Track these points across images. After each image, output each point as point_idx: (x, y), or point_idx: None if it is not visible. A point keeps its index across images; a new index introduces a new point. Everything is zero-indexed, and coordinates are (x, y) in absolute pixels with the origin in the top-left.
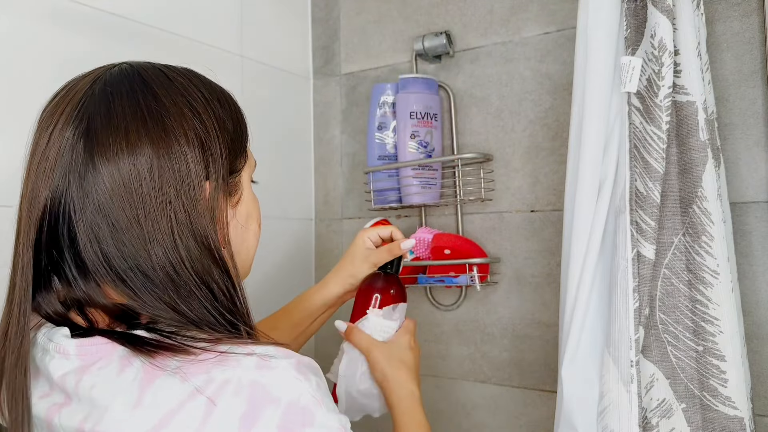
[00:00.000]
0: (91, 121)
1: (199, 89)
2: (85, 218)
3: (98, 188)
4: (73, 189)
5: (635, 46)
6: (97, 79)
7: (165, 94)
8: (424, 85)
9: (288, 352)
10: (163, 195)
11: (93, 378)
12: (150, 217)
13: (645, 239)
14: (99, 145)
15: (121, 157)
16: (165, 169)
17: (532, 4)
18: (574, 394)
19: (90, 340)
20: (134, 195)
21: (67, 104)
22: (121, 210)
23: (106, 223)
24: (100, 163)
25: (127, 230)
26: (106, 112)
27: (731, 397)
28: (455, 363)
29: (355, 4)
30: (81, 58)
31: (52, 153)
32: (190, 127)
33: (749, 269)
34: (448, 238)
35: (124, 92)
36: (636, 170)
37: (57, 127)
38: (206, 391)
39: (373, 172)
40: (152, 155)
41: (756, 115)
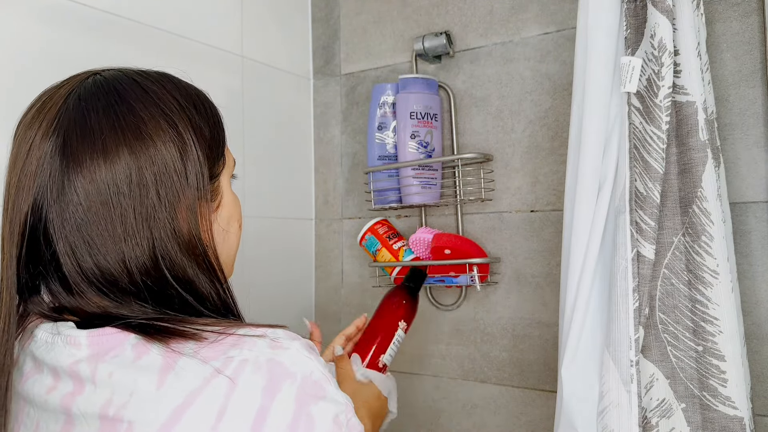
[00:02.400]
0: (67, 137)
1: (174, 97)
2: (64, 233)
3: (75, 203)
4: (52, 204)
5: (635, 47)
6: (71, 92)
7: (141, 107)
8: (425, 85)
9: (293, 334)
10: (143, 207)
11: (109, 366)
12: (129, 231)
13: (645, 239)
14: (75, 161)
15: (97, 172)
16: (143, 182)
17: (532, 4)
18: (574, 394)
19: (100, 330)
20: (112, 209)
21: (44, 118)
22: (98, 225)
23: (83, 238)
24: (77, 179)
25: (104, 245)
26: (81, 127)
27: (731, 396)
28: (455, 363)
29: (355, 4)
30: (80, 58)
31: (30, 168)
32: (167, 138)
33: (749, 269)
34: (448, 238)
35: (100, 107)
36: (636, 170)
37: (35, 142)
38: (226, 370)
39: (373, 172)
40: (130, 169)
41: (756, 115)
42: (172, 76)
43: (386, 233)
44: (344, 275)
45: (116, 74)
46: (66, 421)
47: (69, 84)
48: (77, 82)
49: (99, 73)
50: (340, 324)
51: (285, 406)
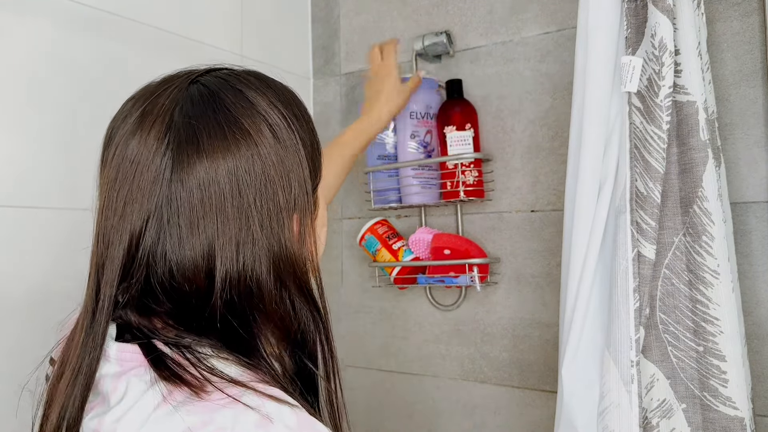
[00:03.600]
0: (177, 156)
1: (279, 108)
2: (163, 242)
3: (180, 211)
4: (158, 219)
5: (635, 46)
6: (176, 105)
7: (250, 123)
8: (425, 84)
9: (296, 422)
10: (249, 226)
11: (124, 386)
12: (230, 241)
13: (645, 239)
14: (189, 177)
15: (207, 185)
16: (251, 198)
17: (532, 4)
18: (575, 394)
19: (131, 346)
20: (216, 219)
21: (150, 132)
22: (199, 232)
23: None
24: (186, 192)
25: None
26: (195, 149)
27: (732, 397)
28: (455, 363)
29: (355, 4)
30: (81, 57)
31: (144, 183)
32: (276, 153)
33: (749, 269)
34: (448, 239)
35: (210, 126)
36: (636, 170)
37: (144, 158)
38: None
39: (372, 172)
40: (239, 184)
41: (756, 114)
42: (269, 80)
43: (386, 233)
44: (344, 275)
45: (218, 82)
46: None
47: (169, 92)
48: (179, 90)
49: (199, 81)
50: (340, 324)
51: None
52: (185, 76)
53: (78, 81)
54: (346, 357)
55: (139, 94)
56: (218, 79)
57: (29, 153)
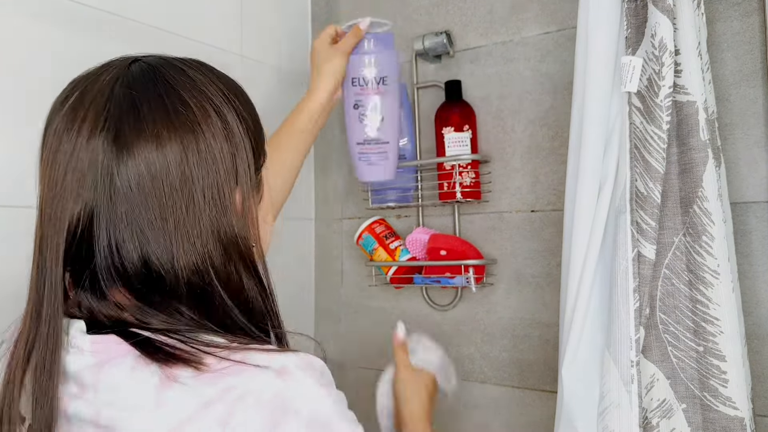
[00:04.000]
0: (119, 128)
1: (219, 87)
2: (112, 227)
3: (127, 196)
4: (102, 199)
5: (636, 46)
6: (117, 80)
7: (190, 96)
8: (375, 41)
9: (307, 360)
10: (193, 202)
11: (109, 377)
12: (180, 225)
13: (645, 239)
14: (128, 153)
15: (150, 164)
16: (194, 175)
17: (532, 4)
18: (575, 394)
19: (105, 337)
20: (164, 202)
21: (88, 109)
22: (149, 218)
23: (132, 231)
24: (129, 171)
25: (156, 240)
26: (135, 118)
27: (732, 397)
28: (455, 363)
29: (355, 4)
30: (80, 57)
31: (82, 163)
32: (217, 130)
33: (750, 269)
34: (445, 239)
35: (151, 97)
36: (636, 170)
37: (82, 135)
38: (219, 404)
39: None
40: (181, 161)
41: (756, 114)
42: (210, 66)
43: (383, 233)
44: (344, 275)
45: (160, 61)
46: (65, 422)
47: (110, 71)
48: (120, 69)
49: (141, 60)
50: (340, 324)
51: None
52: (125, 57)
53: None
54: (346, 357)
55: (79, 77)
56: (160, 58)
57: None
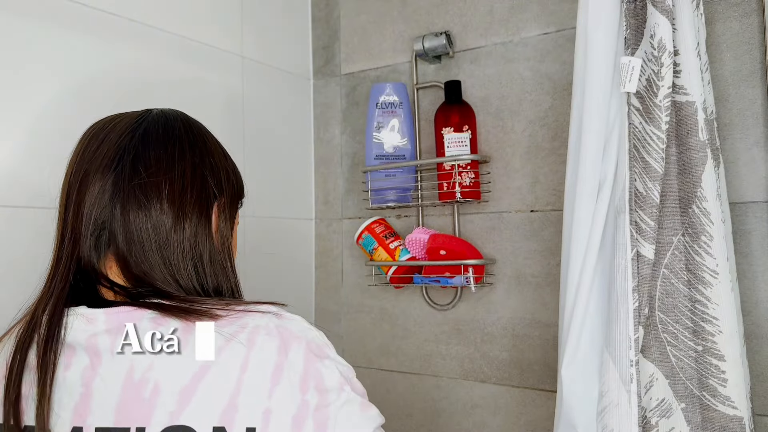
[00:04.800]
0: (136, 163)
1: (217, 147)
2: (122, 234)
3: (134, 217)
4: (117, 217)
5: (635, 47)
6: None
7: (201, 151)
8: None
9: (290, 311)
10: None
11: (129, 337)
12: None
13: (644, 239)
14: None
15: (153, 199)
16: (187, 200)
17: (532, 4)
18: (574, 393)
19: (116, 308)
20: (162, 230)
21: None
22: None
23: (143, 247)
24: (142, 196)
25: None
26: (145, 162)
27: (731, 396)
28: (455, 363)
29: (355, 4)
30: (80, 57)
31: (108, 185)
32: (215, 177)
33: (748, 269)
34: (444, 239)
35: (159, 142)
36: (635, 170)
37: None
38: (242, 334)
39: (370, 172)
40: (187, 201)
41: (755, 115)
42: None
43: (383, 232)
44: (344, 275)
45: (172, 112)
46: (83, 394)
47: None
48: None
49: (159, 114)
50: (340, 324)
51: (297, 361)
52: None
53: (76, 81)
54: (347, 357)
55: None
56: (170, 112)
57: (26, 153)
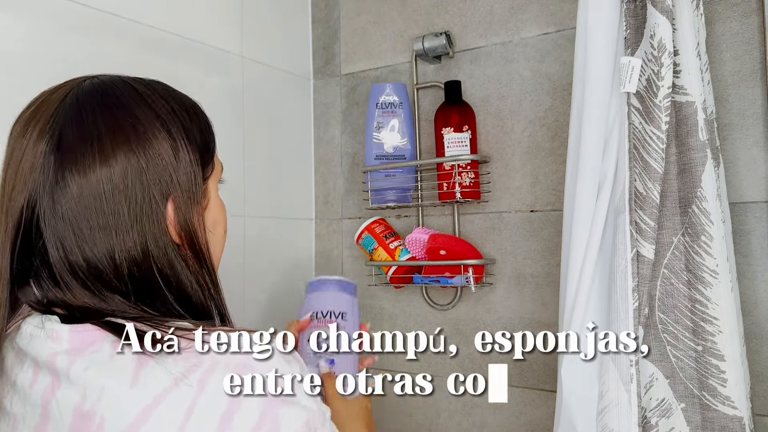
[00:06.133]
0: (62, 135)
1: (168, 102)
2: (54, 225)
3: (68, 197)
4: (45, 198)
5: (635, 47)
6: (68, 93)
7: (136, 108)
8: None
9: (267, 338)
10: (136, 203)
11: (86, 361)
12: (120, 225)
13: (644, 239)
14: (70, 158)
15: (91, 168)
16: (137, 179)
17: (531, 5)
18: (574, 393)
19: (82, 326)
20: (104, 203)
21: (40, 117)
22: (89, 218)
23: (73, 231)
24: (71, 175)
25: (93, 237)
26: (77, 125)
27: (730, 396)
28: (455, 362)
29: (355, 4)
30: (80, 58)
31: (26, 165)
32: (161, 138)
33: (748, 269)
34: (444, 239)
35: (96, 107)
36: (635, 170)
37: (31, 140)
38: (194, 374)
39: (371, 172)
40: (124, 166)
41: (755, 115)
42: (166, 85)
43: (383, 232)
44: (344, 275)
45: (113, 78)
46: (42, 414)
47: (66, 86)
48: (74, 84)
49: (96, 77)
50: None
51: (250, 409)
52: (86, 76)
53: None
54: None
55: (41, 92)
56: (114, 77)
57: None
